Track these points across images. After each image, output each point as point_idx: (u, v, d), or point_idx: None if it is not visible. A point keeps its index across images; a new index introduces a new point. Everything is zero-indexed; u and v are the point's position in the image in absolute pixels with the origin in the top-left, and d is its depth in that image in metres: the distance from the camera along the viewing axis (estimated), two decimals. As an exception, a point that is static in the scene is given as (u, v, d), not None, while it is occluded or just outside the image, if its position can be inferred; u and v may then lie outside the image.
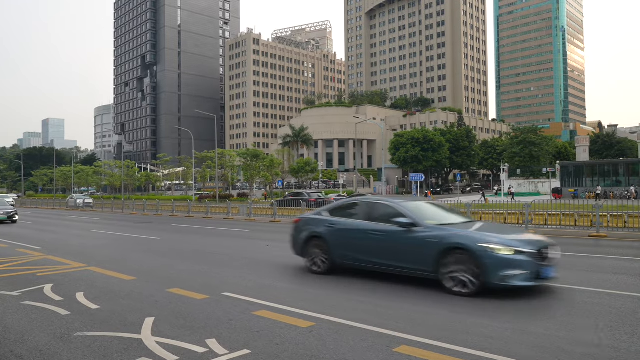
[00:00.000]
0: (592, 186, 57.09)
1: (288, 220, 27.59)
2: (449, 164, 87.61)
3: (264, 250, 14.89)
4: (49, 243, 17.90)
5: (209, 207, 37.53)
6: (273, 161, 75.64)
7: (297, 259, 11.31)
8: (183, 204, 44.41)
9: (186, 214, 38.10)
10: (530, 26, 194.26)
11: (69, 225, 28.75)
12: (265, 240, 18.00)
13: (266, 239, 18.41)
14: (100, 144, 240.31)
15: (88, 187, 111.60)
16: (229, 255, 13.93)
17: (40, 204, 64.59)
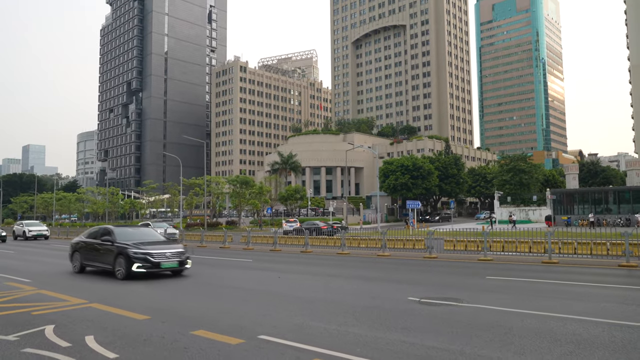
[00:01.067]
0: (582, 213, 57.14)
1: (290, 249, 26.53)
2: (438, 191, 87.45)
3: (279, 282, 13.83)
4: (40, 275, 16.58)
5: (203, 235, 36.28)
6: (262, 188, 74.49)
7: (324, 293, 10.30)
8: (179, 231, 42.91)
9: (183, 242, 36.78)
10: (511, 57, 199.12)
11: (56, 254, 27.22)
12: (272, 271, 16.93)
13: (274, 269, 17.33)
14: (83, 170, 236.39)
15: (70, 214, 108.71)
16: (245, 288, 12.83)
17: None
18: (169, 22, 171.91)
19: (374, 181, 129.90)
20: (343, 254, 22.81)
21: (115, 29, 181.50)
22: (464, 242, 23.02)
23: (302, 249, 25.31)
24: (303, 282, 14.06)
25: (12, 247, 34.66)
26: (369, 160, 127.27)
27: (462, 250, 22.34)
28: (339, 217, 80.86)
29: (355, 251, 23.57)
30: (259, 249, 28.30)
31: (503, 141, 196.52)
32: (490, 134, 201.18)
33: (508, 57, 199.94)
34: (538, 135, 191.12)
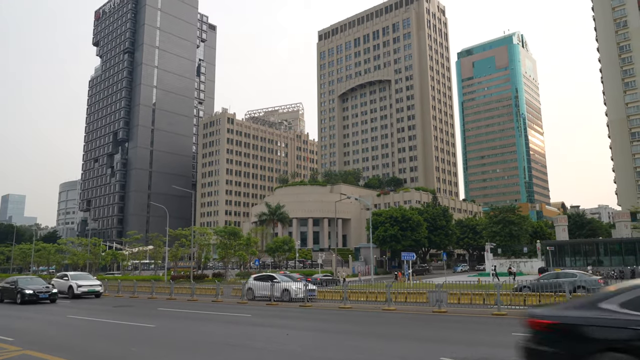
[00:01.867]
0: (574, 265, 56.81)
1: (287, 303, 25.39)
2: (427, 243, 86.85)
3: (289, 340, 12.85)
4: (24, 332, 15.34)
5: (194, 289, 34.89)
6: (250, 239, 73.09)
7: (347, 354, 9.44)
8: (161, 284, 41.37)
9: (167, 295, 35.31)
10: (492, 112, 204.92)
11: (37, 309, 25.63)
12: (276, 327, 15.92)
13: (277, 325, 16.31)
14: (64, 220, 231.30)
15: (48, 266, 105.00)
16: (263, 349, 11.69)
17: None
18: (158, 74, 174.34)
19: (361, 233, 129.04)
20: (345, 307, 21.84)
21: (104, 80, 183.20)
22: (468, 295, 22.34)
23: (300, 303, 24.22)
24: (316, 340, 13.13)
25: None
26: (356, 211, 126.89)
27: (467, 304, 21.60)
28: (327, 269, 79.31)
29: (358, 305, 22.62)
30: (254, 303, 27.06)
31: (487, 193, 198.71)
32: (475, 186, 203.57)
33: (489, 111, 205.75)
34: (521, 188, 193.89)
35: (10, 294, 29.34)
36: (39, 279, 32.02)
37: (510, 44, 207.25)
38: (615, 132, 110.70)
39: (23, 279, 30.77)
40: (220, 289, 34.58)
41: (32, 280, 30.70)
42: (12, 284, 29.76)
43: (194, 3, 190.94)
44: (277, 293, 26.88)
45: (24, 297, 27.77)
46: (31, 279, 31.71)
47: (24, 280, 30.48)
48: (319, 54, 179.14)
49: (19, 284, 29.11)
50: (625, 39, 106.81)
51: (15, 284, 29.27)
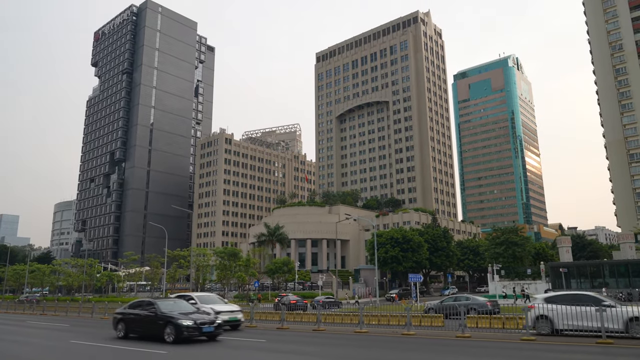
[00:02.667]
0: (579, 288, 56.04)
1: (298, 327, 24.53)
2: (428, 264, 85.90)
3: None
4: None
5: None
6: (250, 260, 72.00)
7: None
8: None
9: None
10: (489, 133, 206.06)
11: (36, 332, 24.64)
12: (294, 354, 15.13)
13: (300, 352, 15.49)
14: (58, 241, 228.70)
15: (42, 287, 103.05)
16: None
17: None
18: (157, 94, 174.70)
19: (359, 254, 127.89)
20: (361, 332, 21.00)
21: (102, 100, 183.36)
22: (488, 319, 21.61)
23: (314, 327, 23.28)
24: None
25: None
26: (354, 232, 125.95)
27: (486, 328, 20.87)
28: (327, 291, 78.10)
29: (374, 329, 21.84)
30: (263, 326, 26.13)
31: (484, 214, 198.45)
32: (472, 207, 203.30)
33: (486, 133, 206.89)
34: (519, 209, 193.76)
35: (149, 326, 19.24)
36: (182, 303, 20.73)
37: (505, 67, 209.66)
38: (613, 153, 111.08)
39: (164, 302, 20.34)
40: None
41: (177, 305, 20.21)
42: (147, 309, 19.86)
43: (193, 25, 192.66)
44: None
45: (181, 333, 17.87)
46: (174, 302, 20.86)
47: (166, 304, 19.99)
48: (316, 76, 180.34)
49: (161, 308, 19.27)
50: (621, 62, 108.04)
51: (156, 309, 19.30)
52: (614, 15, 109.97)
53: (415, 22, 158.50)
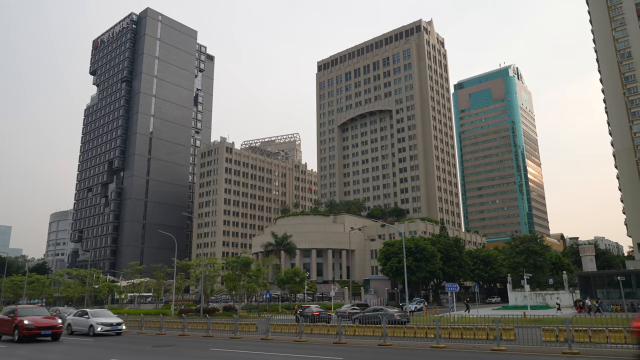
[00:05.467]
0: (607, 297, 54.17)
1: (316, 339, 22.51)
2: (441, 274, 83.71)
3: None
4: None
5: (209, 324, 31.64)
6: (260, 271, 69.44)
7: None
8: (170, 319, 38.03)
9: (180, 331, 32.08)
10: (490, 143, 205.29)
11: (61, 349, 22.30)
12: None
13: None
14: (53, 252, 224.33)
15: (42, 298, 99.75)
16: None
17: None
18: (156, 103, 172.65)
19: (365, 264, 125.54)
20: (386, 345, 19.73)
21: (100, 108, 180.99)
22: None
23: (335, 340, 21.83)
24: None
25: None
26: (360, 242, 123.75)
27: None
28: (337, 302, 75.62)
29: (397, 342, 20.70)
30: (279, 339, 24.19)
31: (485, 224, 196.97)
32: (473, 217, 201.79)
33: (487, 143, 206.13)
34: (521, 219, 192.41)
35: None
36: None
37: (506, 76, 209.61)
38: (622, 162, 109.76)
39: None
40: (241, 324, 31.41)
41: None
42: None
43: (193, 34, 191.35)
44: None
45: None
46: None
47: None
48: (318, 84, 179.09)
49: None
50: (630, 70, 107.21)
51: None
52: (621, 23, 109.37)
53: (419, 31, 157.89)
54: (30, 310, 26.80)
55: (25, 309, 26.58)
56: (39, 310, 27.14)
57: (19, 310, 25.70)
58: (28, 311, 26.22)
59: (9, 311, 26.60)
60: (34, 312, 26.45)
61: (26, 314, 25.55)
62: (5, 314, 26.81)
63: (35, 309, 27.62)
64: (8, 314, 26.18)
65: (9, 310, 26.93)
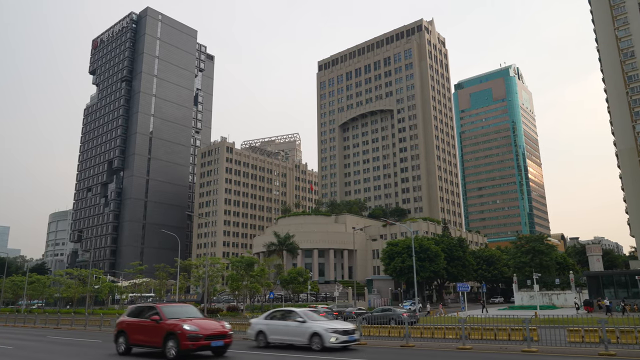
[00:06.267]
0: (615, 297, 53.72)
1: None
2: (445, 274, 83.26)
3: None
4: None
5: None
6: (264, 270, 68.89)
7: None
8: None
9: None
10: (490, 143, 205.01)
11: (65, 350, 21.71)
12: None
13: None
14: (52, 252, 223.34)
15: (42, 299, 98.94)
16: None
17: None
18: (156, 102, 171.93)
19: (367, 264, 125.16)
20: (408, 346, 19.33)
21: (100, 108, 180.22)
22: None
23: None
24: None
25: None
26: (362, 242, 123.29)
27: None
28: (340, 302, 75.09)
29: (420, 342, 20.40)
30: None
31: (486, 224, 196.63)
32: (474, 217, 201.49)
33: (487, 143, 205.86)
34: (522, 219, 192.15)
35: None
36: None
37: (507, 76, 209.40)
38: (625, 161, 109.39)
39: None
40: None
41: None
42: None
43: (193, 33, 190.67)
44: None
45: None
46: None
47: None
48: (319, 84, 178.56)
49: None
50: (633, 69, 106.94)
51: None
52: (624, 22, 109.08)
53: (420, 31, 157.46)
54: (177, 309, 18.59)
55: (172, 308, 18.44)
56: (188, 309, 18.74)
57: (164, 310, 17.64)
58: (176, 310, 18.15)
59: (147, 311, 18.41)
60: (185, 311, 18.28)
61: (177, 314, 17.52)
62: (138, 315, 18.72)
63: (181, 306, 19.37)
64: (149, 316, 17.79)
65: (141, 309, 19.12)
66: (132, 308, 19.78)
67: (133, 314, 19.00)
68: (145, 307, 19.10)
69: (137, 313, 18.81)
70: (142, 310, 18.88)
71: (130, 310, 19.63)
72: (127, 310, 19.77)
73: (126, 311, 19.79)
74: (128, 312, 19.58)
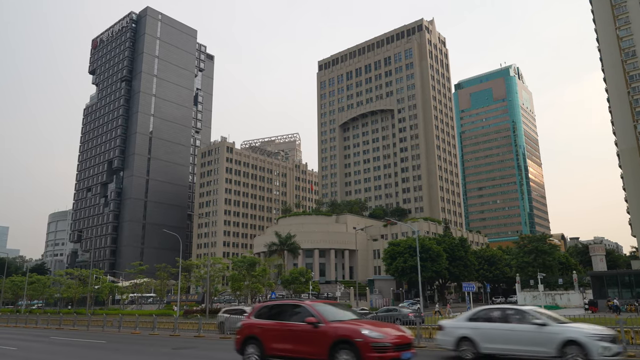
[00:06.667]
0: (620, 297, 53.48)
1: None
2: (447, 274, 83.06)
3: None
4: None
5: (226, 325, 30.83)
6: (265, 270, 68.67)
7: None
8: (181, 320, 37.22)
9: (196, 332, 31.21)
10: (491, 143, 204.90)
11: (71, 352, 21.45)
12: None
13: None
14: (52, 252, 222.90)
15: (42, 299, 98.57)
16: None
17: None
18: (156, 102, 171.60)
19: (368, 264, 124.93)
20: (420, 347, 19.14)
21: (99, 108, 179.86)
22: None
23: None
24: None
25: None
26: (362, 242, 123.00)
27: None
28: (344, 302, 74.94)
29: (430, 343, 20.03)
30: None
31: (486, 224, 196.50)
32: (474, 217, 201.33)
33: (487, 142, 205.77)
34: (522, 219, 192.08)
35: None
36: None
37: (507, 76, 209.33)
38: (626, 161, 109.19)
39: None
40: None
41: None
42: None
43: (193, 33, 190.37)
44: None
45: None
46: None
47: None
48: (319, 84, 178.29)
49: None
50: (634, 69, 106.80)
51: None
52: (626, 22, 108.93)
53: (420, 30, 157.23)
54: (332, 308, 14.30)
55: (327, 307, 14.12)
56: (342, 308, 14.97)
57: (320, 309, 13.50)
58: (333, 311, 13.96)
59: (290, 310, 14.16)
60: (341, 311, 14.30)
61: (336, 315, 13.56)
62: (276, 315, 14.34)
63: (335, 305, 15.46)
64: (298, 318, 13.48)
65: (280, 308, 14.64)
66: (261, 307, 15.15)
67: (266, 315, 14.48)
68: (286, 305, 14.54)
69: (275, 313, 14.27)
70: (281, 309, 14.36)
71: (260, 309, 15.01)
72: (254, 310, 15.26)
73: (252, 311, 15.27)
74: (257, 312, 14.95)
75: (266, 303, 15.44)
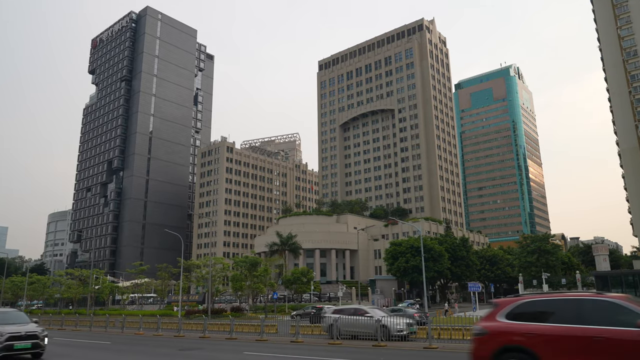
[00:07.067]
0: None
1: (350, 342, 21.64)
2: (449, 274, 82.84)
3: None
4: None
5: (232, 325, 30.60)
6: (267, 270, 68.29)
7: None
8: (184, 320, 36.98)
9: (201, 333, 30.94)
10: (491, 143, 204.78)
11: (75, 352, 21.15)
12: None
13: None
14: (52, 252, 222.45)
15: (43, 300, 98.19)
16: None
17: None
18: (156, 102, 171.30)
19: (369, 264, 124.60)
20: (432, 347, 18.93)
21: (99, 108, 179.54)
22: None
23: (374, 343, 21.06)
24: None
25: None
26: (363, 242, 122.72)
27: None
28: (344, 301, 74.62)
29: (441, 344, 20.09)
30: (308, 341, 23.64)
31: (486, 224, 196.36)
32: (474, 217, 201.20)
33: (488, 142, 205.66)
34: (522, 219, 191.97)
35: None
36: None
37: (507, 76, 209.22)
38: (627, 161, 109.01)
39: None
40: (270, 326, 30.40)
41: None
42: None
43: (193, 33, 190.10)
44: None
45: None
46: None
47: None
48: (319, 84, 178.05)
49: None
50: (636, 68, 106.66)
51: None
52: (627, 22, 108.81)
53: (421, 30, 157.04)
54: None
55: None
56: None
57: None
58: None
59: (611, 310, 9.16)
60: None
61: None
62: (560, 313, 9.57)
63: None
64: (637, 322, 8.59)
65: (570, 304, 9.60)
66: (521, 303, 10.22)
67: (531, 315, 9.90)
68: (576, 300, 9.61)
69: (552, 313, 9.63)
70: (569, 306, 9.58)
71: (517, 306, 10.21)
72: (501, 307, 10.46)
73: (498, 308, 10.45)
74: (512, 309, 10.22)
75: (526, 298, 10.27)
